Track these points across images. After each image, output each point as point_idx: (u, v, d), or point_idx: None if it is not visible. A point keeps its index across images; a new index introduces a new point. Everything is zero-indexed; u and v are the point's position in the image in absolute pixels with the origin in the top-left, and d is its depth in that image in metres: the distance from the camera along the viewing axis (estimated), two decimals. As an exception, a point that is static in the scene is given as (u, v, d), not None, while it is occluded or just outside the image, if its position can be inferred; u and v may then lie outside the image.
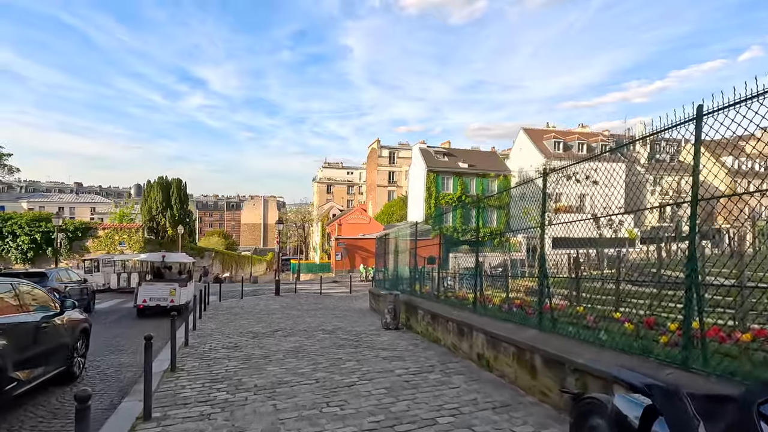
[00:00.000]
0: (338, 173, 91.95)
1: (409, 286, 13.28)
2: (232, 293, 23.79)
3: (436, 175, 41.96)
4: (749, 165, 4.50)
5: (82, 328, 7.11)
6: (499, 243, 26.65)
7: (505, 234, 9.16)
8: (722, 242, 6.78)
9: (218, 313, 14.87)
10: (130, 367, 7.68)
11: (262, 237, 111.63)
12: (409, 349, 8.45)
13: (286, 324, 12.33)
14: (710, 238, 6.49)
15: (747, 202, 3.69)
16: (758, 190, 3.47)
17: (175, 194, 35.41)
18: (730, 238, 6.24)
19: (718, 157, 4.08)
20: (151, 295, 14.48)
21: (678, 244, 17.74)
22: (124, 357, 8.47)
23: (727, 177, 4.49)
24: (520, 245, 22.71)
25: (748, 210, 3.78)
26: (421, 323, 10.19)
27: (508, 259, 10.62)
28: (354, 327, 11.70)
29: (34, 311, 5.88)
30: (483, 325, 6.84)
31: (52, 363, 5.96)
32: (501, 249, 20.92)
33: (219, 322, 12.77)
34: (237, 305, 17.96)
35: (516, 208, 7.33)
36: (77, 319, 7.06)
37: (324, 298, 22.52)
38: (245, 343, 9.33)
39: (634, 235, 26.75)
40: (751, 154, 3.83)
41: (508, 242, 11.37)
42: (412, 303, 11.07)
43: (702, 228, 3.94)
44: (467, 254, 19.32)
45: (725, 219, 3.86)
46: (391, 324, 11.11)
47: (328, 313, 15.20)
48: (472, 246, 13.62)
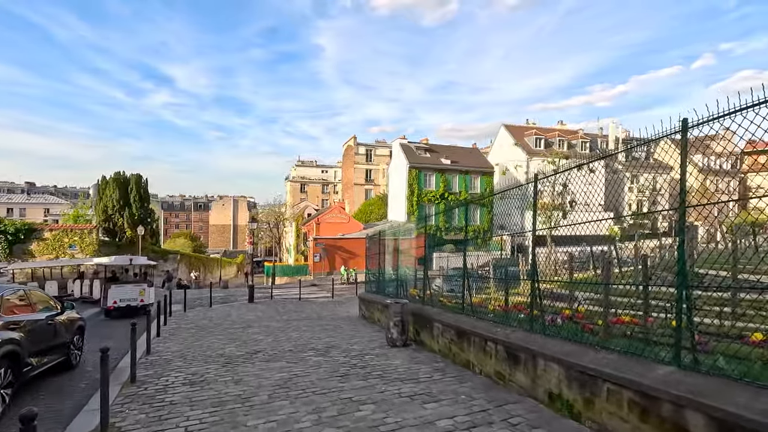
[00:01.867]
0: (312, 172, 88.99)
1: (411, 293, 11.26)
2: (200, 300, 21.10)
3: (418, 172, 40.13)
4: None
5: (79, 325, 8.22)
6: (482, 242, 25.14)
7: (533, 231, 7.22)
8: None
9: (181, 328, 12.37)
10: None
11: (232, 239, 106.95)
12: (435, 380, 6.41)
13: (267, 342, 10.04)
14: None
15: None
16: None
17: (134, 192, 31.91)
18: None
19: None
20: (121, 297, 15.07)
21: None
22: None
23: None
24: (505, 244, 21.05)
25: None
26: (438, 340, 8.18)
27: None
28: (351, 344, 9.56)
29: (41, 311, 7.04)
30: (555, 353, 4.88)
31: (55, 353, 7.15)
32: (485, 248, 19.59)
33: (182, 340, 10.34)
34: (205, 316, 15.44)
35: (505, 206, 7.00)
36: (75, 318, 8.15)
37: (305, 304, 20.19)
38: (215, 374, 7.04)
39: (615, 233, 25.38)
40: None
41: (491, 241, 10.40)
42: (423, 314, 9.05)
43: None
44: (452, 254, 17.53)
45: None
46: (399, 340, 9.05)
47: (314, 325, 12.97)
48: (459, 245, 12.01)
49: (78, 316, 8.36)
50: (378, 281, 14.35)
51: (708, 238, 14.53)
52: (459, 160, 42.72)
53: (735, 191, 11.95)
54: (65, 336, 7.49)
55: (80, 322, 8.32)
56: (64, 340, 7.45)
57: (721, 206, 3.99)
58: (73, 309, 8.33)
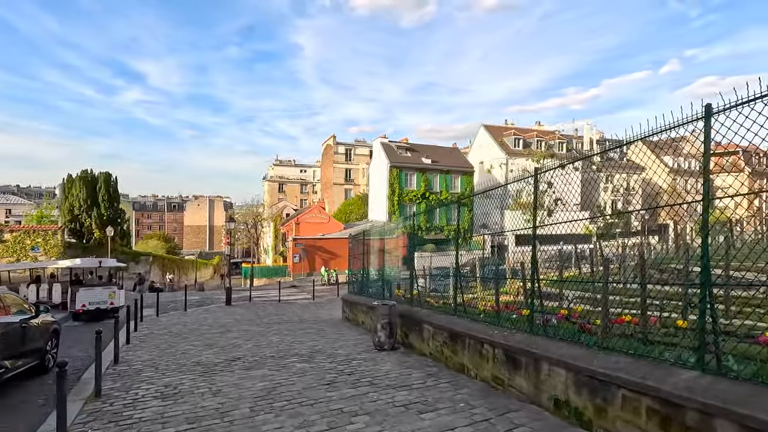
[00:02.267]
0: (291, 171, 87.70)
1: (396, 293, 10.90)
2: (174, 304, 20.19)
3: (399, 171, 39.86)
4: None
5: (53, 329, 8.17)
6: (464, 241, 25.07)
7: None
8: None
9: (154, 334, 11.65)
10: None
11: (208, 240, 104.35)
12: (429, 386, 6.06)
13: (247, 347, 9.49)
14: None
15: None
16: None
17: (102, 190, 30.37)
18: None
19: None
20: (90, 300, 14.73)
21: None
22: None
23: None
24: (485, 243, 20.94)
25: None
26: (429, 342, 7.84)
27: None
28: (336, 348, 9.11)
29: (14, 314, 7.00)
30: (562, 356, 4.59)
31: (29, 356, 7.06)
32: (467, 247, 19.47)
33: (154, 347, 9.67)
34: (179, 320, 14.67)
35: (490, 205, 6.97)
36: (49, 321, 8.09)
37: (285, 306, 19.57)
38: (191, 385, 6.49)
39: (591, 232, 25.72)
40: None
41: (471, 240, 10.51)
42: (412, 316, 8.69)
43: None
44: (434, 253, 17.27)
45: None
46: (386, 343, 8.66)
47: (295, 328, 12.44)
48: (440, 245, 11.76)
49: (52, 320, 8.40)
50: (362, 282, 13.94)
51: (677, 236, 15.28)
52: (440, 160, 42.68)
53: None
54: (39, 340, 7.51)
55: (55, 326, 8.36)
56: (39, 344, 7.46)
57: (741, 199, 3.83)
58: (48, 313, 8.43)
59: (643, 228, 20.70)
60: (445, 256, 13.63)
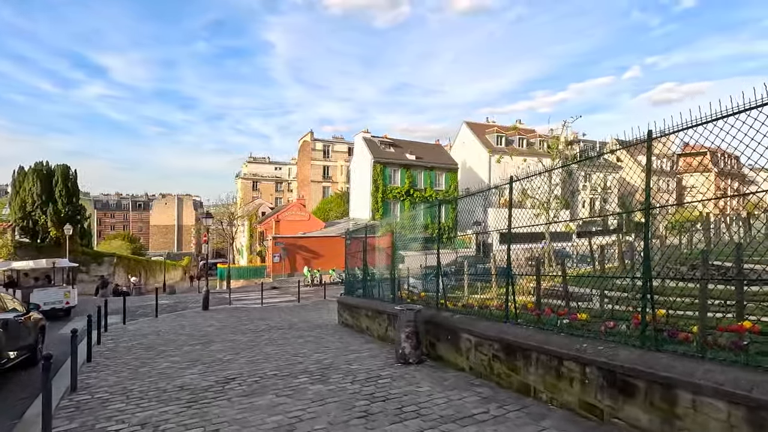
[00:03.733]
0: (265, 169, 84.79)
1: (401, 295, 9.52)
2: (143, 309, 18.09)
3: (383, 167, 38.42)
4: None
5: (41, 325, 8.90)
6: (447, 239, 24.05)
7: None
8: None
9: (121, 348, 9.80)
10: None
11: (177, 240, 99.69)
12: (497, 417, 4.68)
13: (239, 363, 7.85)
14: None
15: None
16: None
17: (60, 185, 27.42)
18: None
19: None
20: (45, 300, 14.47)
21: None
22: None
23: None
24: (471, 242, 19.83)
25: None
26: (469, 355, 6.48)
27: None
28: (350, 362, 7.62)
29: (11, 310, 7.68)
30: (720, 383, 3.31)
31: (24, 349, 7.77)
32: (452, 246, 18.56)
33: (122, 366, 7.90)
34: (151, 329, 12.77)
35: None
36: (38, 318, 8.83)
37: (269, 310, 17.83)
38: (177, 421, 4.87)
39: (572, 229, 24.99)
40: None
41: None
42: (442, 322, 7.32)
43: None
44: (419, 253, 16.02)
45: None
46: (412, 356, 7.24)
47: (289, 336, 10.85)
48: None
49: (40, 317, 9.01)
50: (364, 283, 12.46)
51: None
52: (424, 156, 41.56)
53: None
54: (32, 334, 8.15)
55: (42, 322, 9.00)
56: (32, 338, 8.11)
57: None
58: (37, 310, 9.25)
59: (619, 226, 20.83)
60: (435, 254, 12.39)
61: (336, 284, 27.80)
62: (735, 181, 18.47)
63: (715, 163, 22.42)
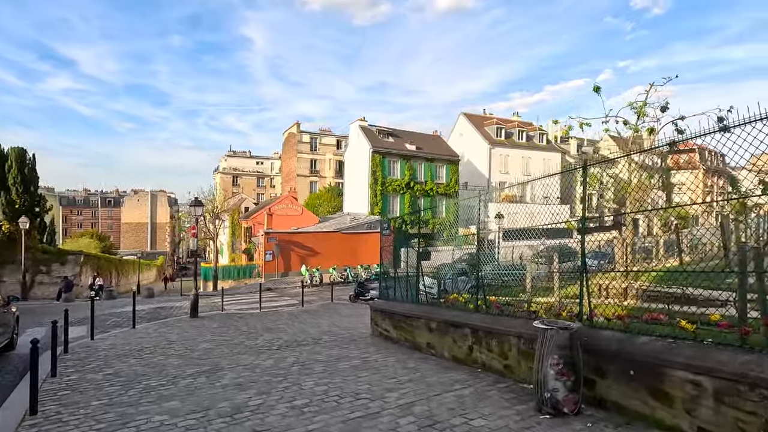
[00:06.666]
0: (246, 163, 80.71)
1: (450, 298, 6.83)
2: (115, 318, 14.83)
3: (382, 158, 35.61)
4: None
5: (17, 315, 9.85)
6: (449, 236, 21.65)
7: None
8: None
9: (89, 380, 6.75)
10: None
11: (150, 238, 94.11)
12: None
13: (278, 411, 4.98)
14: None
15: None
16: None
17: (14, 170, 23.47)
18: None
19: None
20: None
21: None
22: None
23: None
24: (473, 238, 17.34)
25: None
26: (686, 406, 3.85)
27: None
28: (453, 409, 4.87)
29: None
30: None
31: (4, 335, 8.77)
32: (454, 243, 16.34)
33: (90, 417, 4.90)
34: (129, 346, 9.66)
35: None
36: (14, 309, 9.76)
37: (271, 317, 14.84)
38: None
39: (572, 226, 22.79)
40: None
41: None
42: (608, 348, 4.66)
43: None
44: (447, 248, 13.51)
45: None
46: (567, 402, 4.55)
47: (324, 358, 7.99)
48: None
49: (15, 308, 9.87)
50: (407, 283, 9.74)
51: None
52: (423, 147, 38.98)
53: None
54: (11, 323, 9.30)
55: (17, 313, 9.90)
56: (11, 326, 9.25)
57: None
58: (17, 301, 10.67)
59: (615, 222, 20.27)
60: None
61: (339, 285, 24.93)
62: None
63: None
